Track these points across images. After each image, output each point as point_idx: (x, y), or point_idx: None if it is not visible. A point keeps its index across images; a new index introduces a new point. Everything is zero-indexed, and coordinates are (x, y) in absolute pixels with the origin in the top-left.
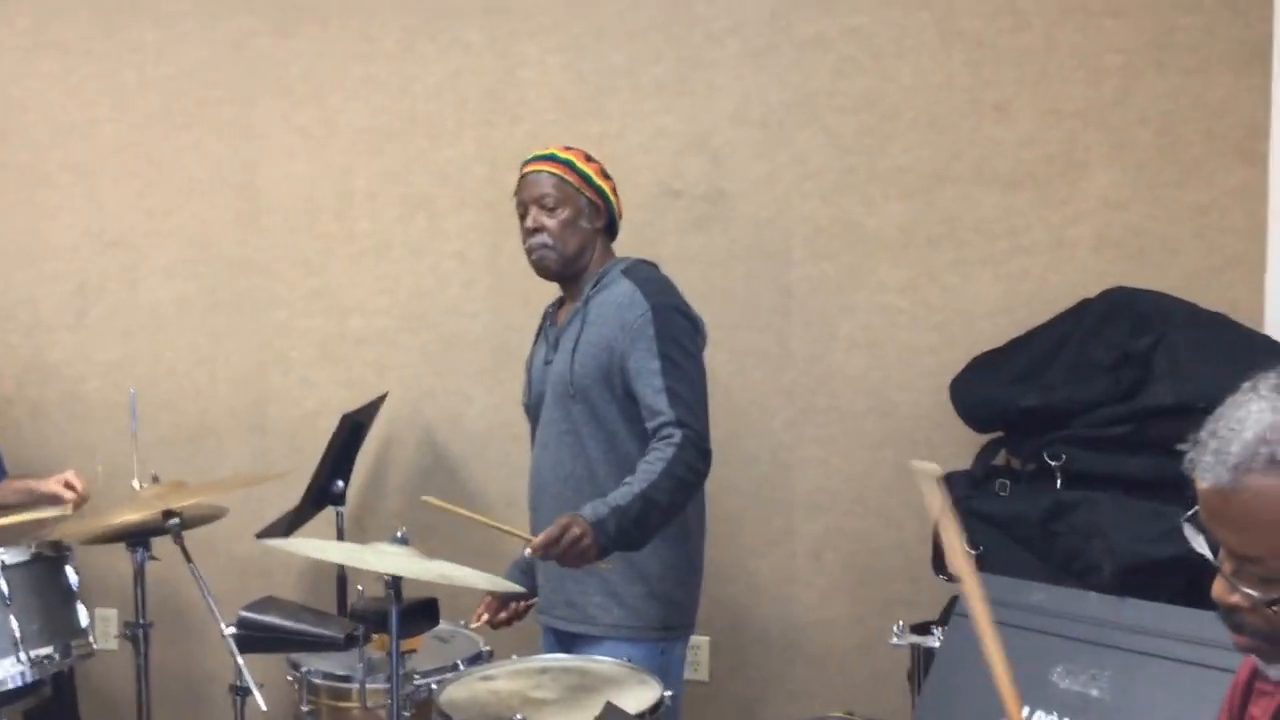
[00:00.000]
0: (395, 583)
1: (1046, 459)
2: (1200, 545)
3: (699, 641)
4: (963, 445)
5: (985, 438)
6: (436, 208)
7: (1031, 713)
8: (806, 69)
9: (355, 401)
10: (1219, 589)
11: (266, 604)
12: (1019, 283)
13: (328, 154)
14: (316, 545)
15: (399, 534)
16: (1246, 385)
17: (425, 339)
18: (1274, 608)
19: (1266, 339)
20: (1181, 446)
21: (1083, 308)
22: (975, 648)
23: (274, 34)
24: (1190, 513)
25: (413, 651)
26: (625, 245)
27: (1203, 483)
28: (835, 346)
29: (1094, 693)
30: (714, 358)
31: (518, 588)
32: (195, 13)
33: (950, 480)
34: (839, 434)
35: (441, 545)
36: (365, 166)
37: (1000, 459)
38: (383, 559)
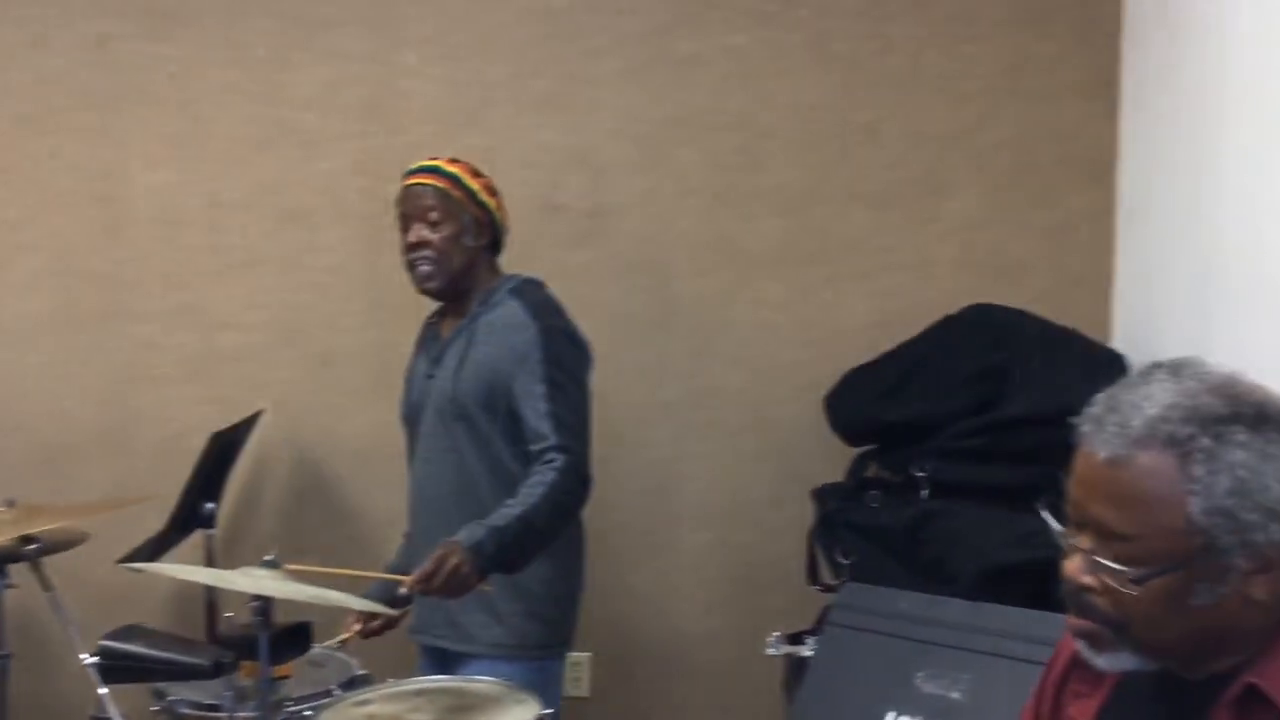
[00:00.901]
0: (264, 608)
1: (913, 470)
2: (1052, 521)
3: (580, 658)
4: (838, 458)
5: (858, 450)
6: (312, 220)
7: (896, 717)
8: (686, 87)
9: (226, 420)
10: (1073, 568)
11: (129, 632)
12: (888, 299)
13: (196, 163)
14: (182, 569)
15: (268, 557)
16: (1140, 371)
17: (301, 355)
18: (1134, 588)
19: (1111, 352)
20: (1076, 420)
21: (946, 324)
22: (846, 656)
23: (140, 38)
24: (1047, 495)
25: (285, 678)
26: (507, 260)
27: (1098, 454)
28: (714, 362)
29: (954, 695)
30: (595, 373)
31: (391, 611)
32: (55, 14)
33: (824, 493)
34: (718, 449)
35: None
36: (236, 177)
37: (872, 471)
38: (252, 582)
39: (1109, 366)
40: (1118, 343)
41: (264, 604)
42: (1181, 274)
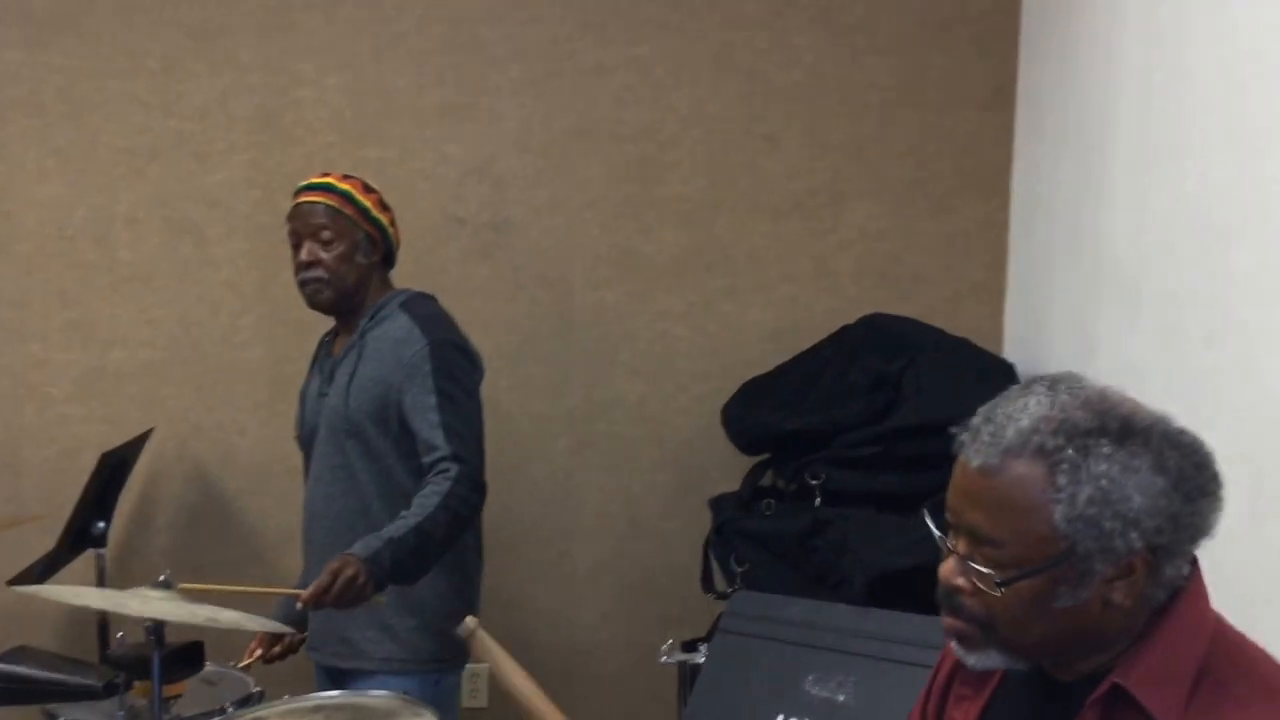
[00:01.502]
0: (158, 628)
1: (807, 479)
2: (933, 527)
3: (478, 669)
4: (736, 468)
5: (754, 460)
6: (205, 234)
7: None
8: (588, 97)
9: (118, 438)
10: (947, 570)
11: (18, 654)
12: (787, 309)
13: (85, 176)
14: (75, 591)
15: (162, 578)
16: (1020, 385)
17: (194, 371)
18: (1000, 589)
19: (1002, 362)
20: (954, 430)
21: (842, 334)
22: (737, 661)
23: (26, 46)
24: (931, 501)
25: (177, 697)
26: (408, 273)
27: (972, 463)
28: (615, 373)
29: (841, 698)
30: (496, 385)
31: (287, 629)
32: None
33: (720, 502)
34: (618, 460)
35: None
36: (127, 190)
37: (768, 479)
38: (146, 604)
39: (999, 376)
40: (1009, 352)
41: (158, 625)
42: (1068, 285)
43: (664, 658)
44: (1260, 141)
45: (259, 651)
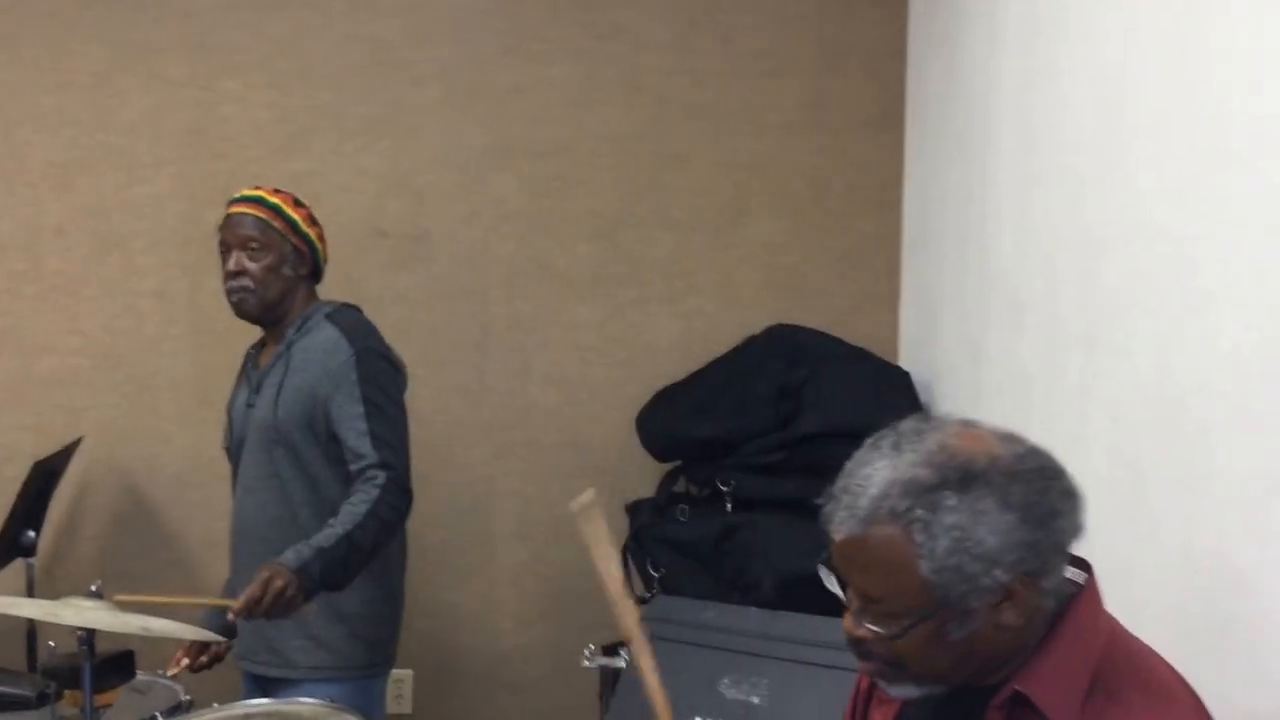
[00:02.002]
0: (89, 637)
1: (718, 485)
2: (833, 585)
3: (403, 675)
4: (650, 474)
5: (668, 466)
6: (132, 245)
7: None
8: (504, 116)
9: (45, 446)
10: (848, 624)
11: None
12: (695, 320)
13: (14, 188)
14: (10, 602)
15: (93, 588)
16: (869, 443)
17: (121, 380)
18: (894, 642)
19: (898, 370)
20: (819, 501)
21: (748, 344)
22: (658, 665)
23: None
24: (825, 556)
25: (107, 706)
26: (332, 284)
27: (837, 534)
28: (531, 382)
29: (755, 700)
30: (416, 394)
31: (217, 637)
32: None
33: (636, 508)
34: (536, 466)
35: (140, 592)
36: (55, 201)
37: (681, 486)
38: (79, 614)
39: (895, 383)
40: (904, 359)
41: (89, 634)
42: (957, 295)
43: (586, 662)
44: (1128, 161)
45: (185, 660)
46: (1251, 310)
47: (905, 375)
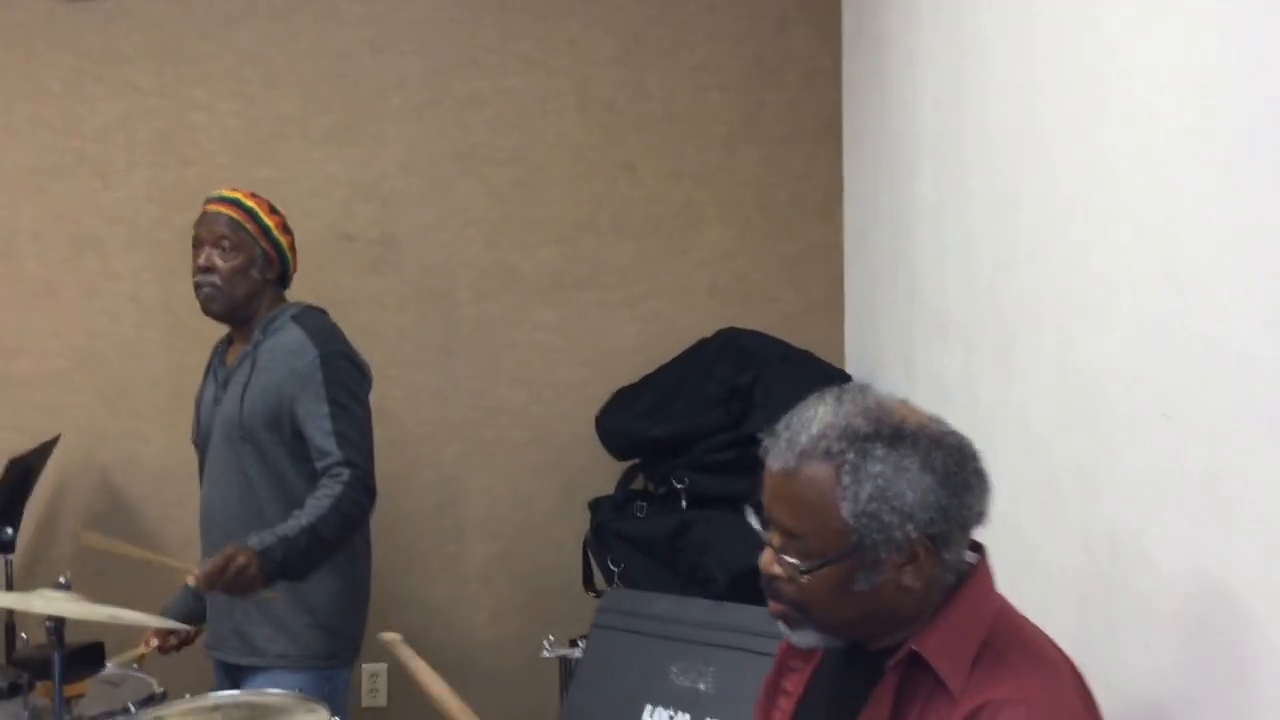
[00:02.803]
0: (58, 627)
1: (673, 483)
2: (755, 523)
3: (377, 669)
4: (615, 469)
5: (628, 464)
6: (107, 248)
7: (652, 710)
8: (465, 124)
9: (25, 446)
10: (765, 560)
11: None
12: (652, 322)
13: None
14: None
15: (62, 579)
16: (815, 396)
17: (99, 380)
18: (805, 576)
19: (841, 373)
20: (760, 437)
21: (700, 346)
22: (609, 656)
23: None
24: (753, 499)
25: (79, 696)
26: (302, 287)
27: (773, 466)
28: (498, 382)
29: (702, 687)
30: (387, 394)
31: (184, 626)
32: None
33: (597, 504)
34: (504, 463)
35: (113, 588)
36: (31, 206)
37: (639, 483)
38: (48, 603)
39: (839, 386)
40: (850, 363)
41: (58, 624)
42: (890, 305)
43: (545, 653)
44: (1028, 182)
45: (154, 642)
46: (1136, 312)
47: (848, 378)
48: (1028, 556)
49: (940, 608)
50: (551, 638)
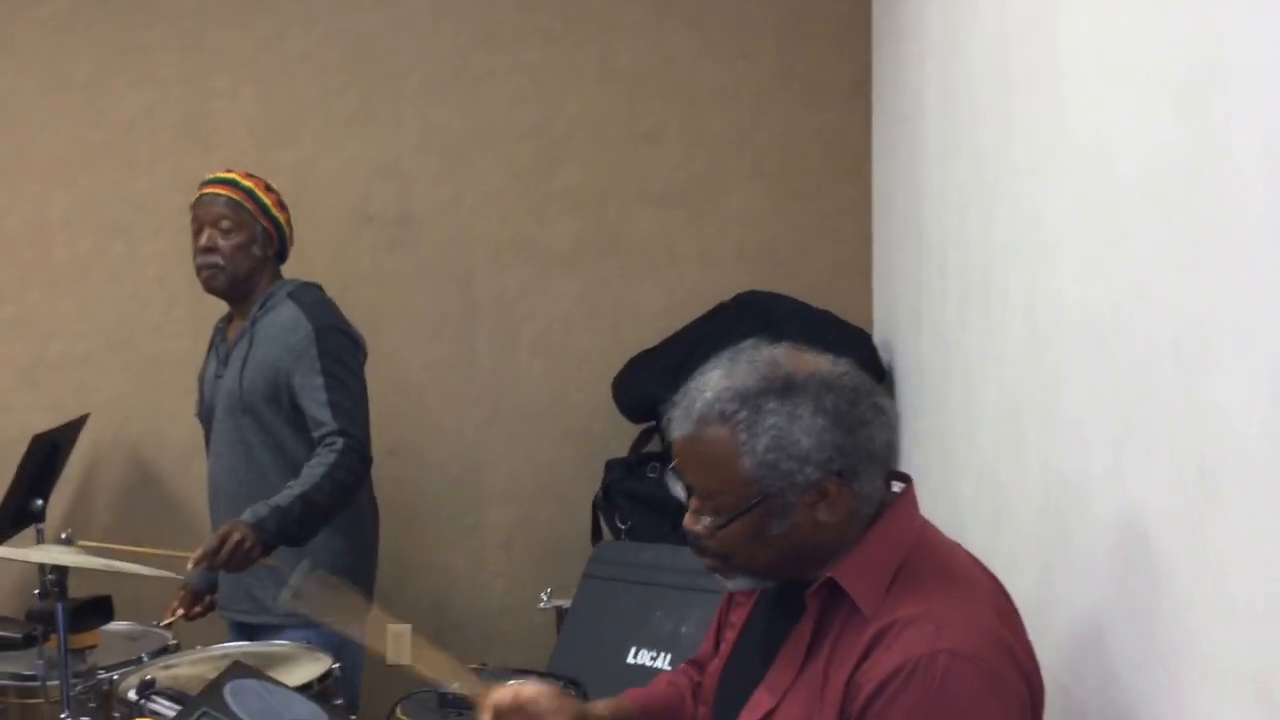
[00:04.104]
0: (60, 578)
1: None
2: (678, 490)
3: (401, 630)
4: (633, 435)
5: (642, 427)
6: (134, 235)
7: (637, 651)
8: (483, 100)
9: (58, 425)
10: (687, 521)
11: None
12: (675, 289)
13: (21, 183)
14: None
15: (63, 535)
16: (715, 358)
17: (128, 361)
18: (721, 531)
19: (859, 331)
20: (662, 408)
21: (718, 310)
22: (599, 603)
23: None
24: (672, 464)
25: (92, 647)
26: (323, 268)
27: (676, 434)
28: (518, 353)
29: (684, 630)
30: (409, 367)
31: (175, 575)
32: None
33: (610, 466)
34: (524, 432)
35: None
36: (60, 195)
37: (654, 446)
38: (43, 554)
39: (856, 343)
40: (877, 326)
41: (60, 576)
42: (905, 263)
43: (542, 604)
44: (1008, 132)
45: (180, 610)
46: (1088, 263)
47: (865, 335)
48: (1002, 503)
49: (859, 538)
50: (549, 590)
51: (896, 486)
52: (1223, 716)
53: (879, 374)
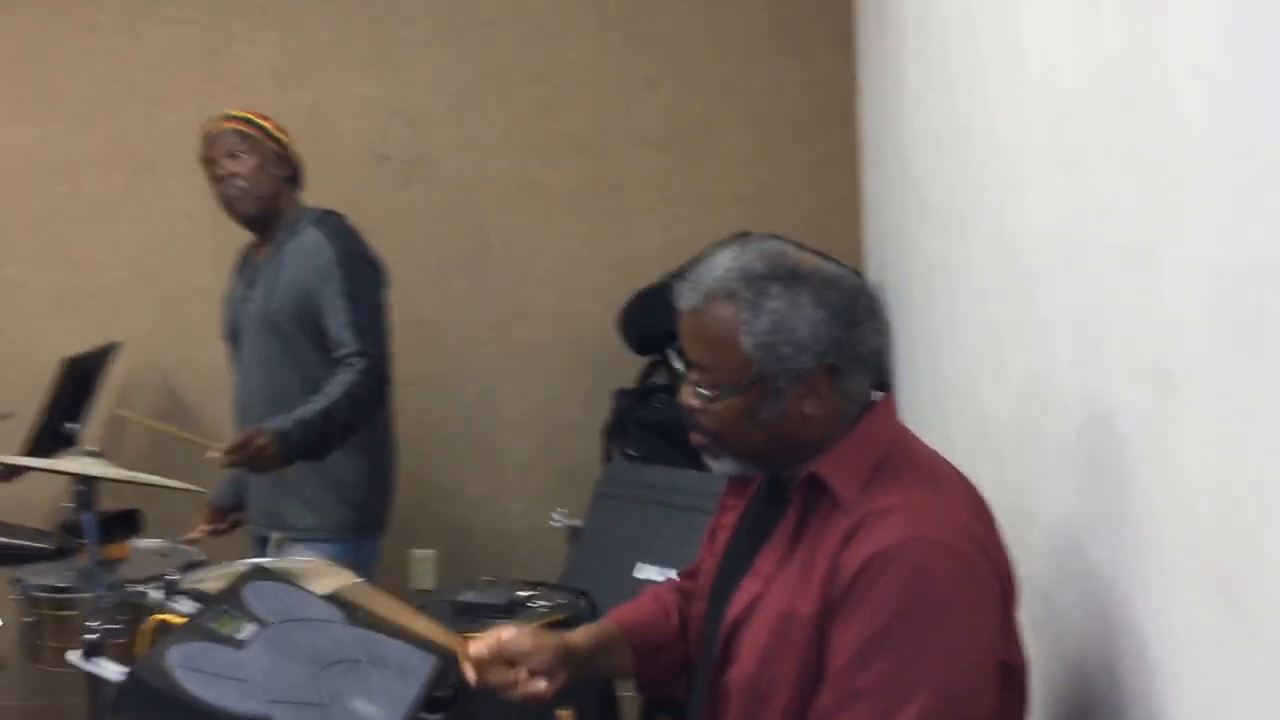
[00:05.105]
0: (87, 490)
1: None
2: (678, 364)
3: (426, 554)
4: (637, 366)
5: (647, 359)
6: (161, 169)
7: (643, 567)
8: (489, 46)
9: None
10: (683, 394)
11: None
12: (675, 229)
13: (53, 121)
14: (14, 458)
15: (91, 448)
16: (724, 241)
17: (158, 290)
18: (716, 404)
19: (849, 268)
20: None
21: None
22: (608, 522)
23: None
24: (676, 342)
25: (122, 559)
26: (338, 206)
27: (683, 307)
28: (528, 288)
29: (689, 548)
30: (423, 302)
31: (196, 488)
32: None
33: (619, 396)
34: (536, 361)
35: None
36: (91, 131)
37: (662, 377)
38: (70, 464)
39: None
40: (869, 262)
41: (88, 487)
42: (890, 200)
43: (554, 523)
44: (978, 67)
45: (205, 527)
46: (1048, 185)
47: (858, 273)
48: (984, 417)
49: (842, 435)
50: (560, 509)
51: (877, 397)
52: (1189, 612)
53: None
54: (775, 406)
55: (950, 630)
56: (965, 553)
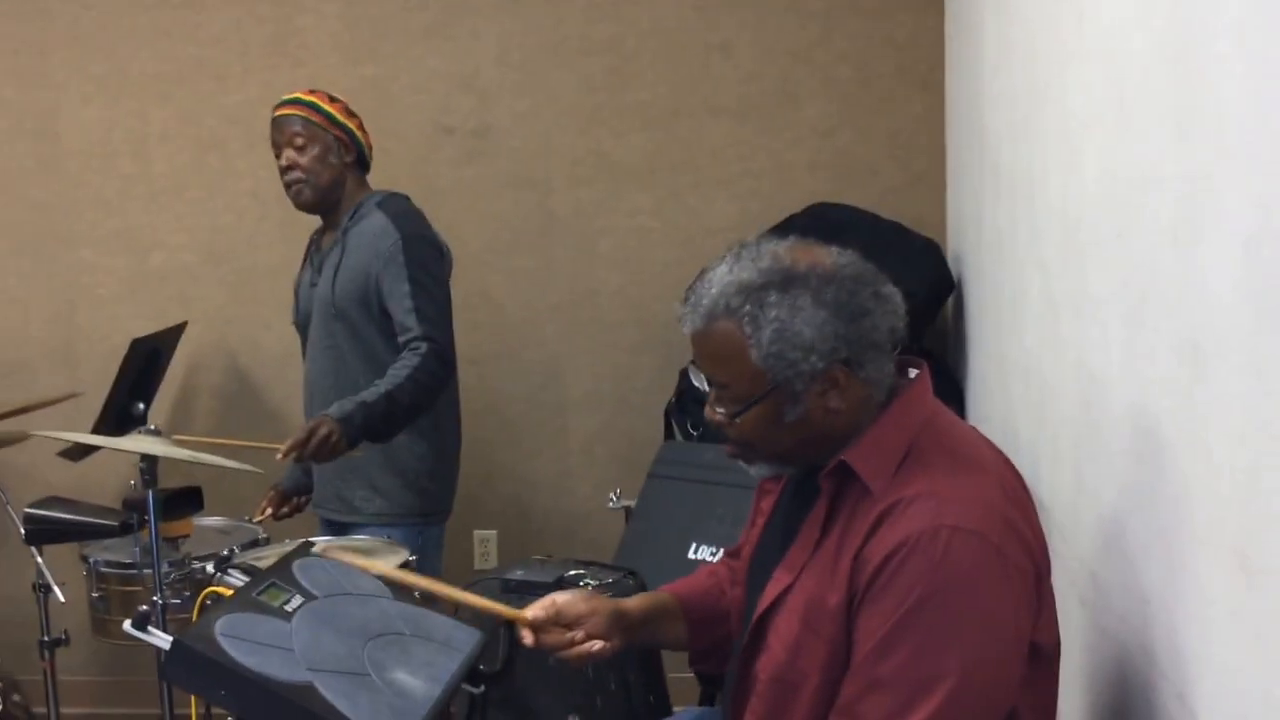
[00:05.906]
0: (150, 467)
1: None
2: (700, 382)
3: (488, 535)
4: None
5: None
6: (228, 148)
7: (697, 548)
8: (557, 16)
9: None
10: (707, 411)
11: (49, 502)
12: (749, 202)
13: (122, 100)
14: (80, 436)
15: (153, 426)
16: (720, 255)
17: (225, 271)
18: (735, 420)
19: (927, 242)
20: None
21: (788, 222)
22: (661, 502)
23: None
24: (692, 358)
25: (185, 536)
26: (404, 178)
27: (688, 331)
28: (595, 265)
29: (741, 528)
30: (487, 279)
31: (256, 469)
32: None
33: (685, 373)
34: (602, 342)
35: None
36: (158, 110)
37: None
38: (137, 443)
39: (924, 252)
40: (951, 235)
41: (150, 465)
42: (970, 168)
43: (611, 504)
44: (1046, 36)
45: (269, 509)
46: (1105, 154)
47: (934, 246)
48: (1046, 398)
49: (873, 422)
50: (618, 490)
51: (912, 373)
52: (1211, 585)
53: (948, 284)
54: (797, 409)
55: (974, 617)
56: (994, 539)
